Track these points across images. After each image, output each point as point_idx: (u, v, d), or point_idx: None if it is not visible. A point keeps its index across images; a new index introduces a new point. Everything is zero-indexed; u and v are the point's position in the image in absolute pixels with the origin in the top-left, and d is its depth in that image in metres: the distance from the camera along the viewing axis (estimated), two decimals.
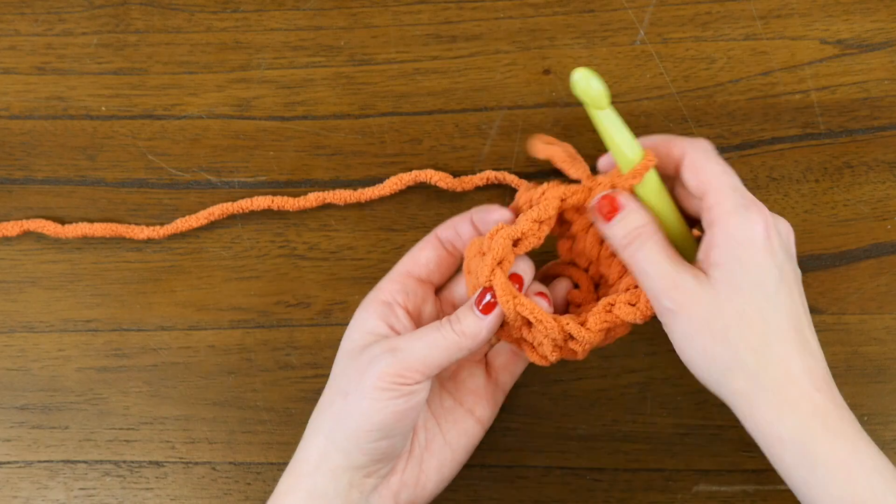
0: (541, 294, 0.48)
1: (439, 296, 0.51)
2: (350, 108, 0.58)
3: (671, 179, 0.48)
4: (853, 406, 0.44)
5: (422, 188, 0.57)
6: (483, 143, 0.57)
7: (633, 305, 0.46)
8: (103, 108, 0.59)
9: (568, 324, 0.47)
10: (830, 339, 0.55)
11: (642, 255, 0.45)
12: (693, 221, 0.48)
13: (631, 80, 0.57)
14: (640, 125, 0.57)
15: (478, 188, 0.57)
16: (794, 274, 0.45)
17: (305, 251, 0.58)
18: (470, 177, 0.56)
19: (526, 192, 0.49)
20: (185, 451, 0.57)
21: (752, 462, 0.55)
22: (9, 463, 0.57)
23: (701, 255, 0.45)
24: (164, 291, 0.58)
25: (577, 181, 0.49)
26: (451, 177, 0.56)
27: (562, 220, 0.50)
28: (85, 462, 0.57)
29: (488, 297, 0.46)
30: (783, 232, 0.45)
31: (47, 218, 0.58)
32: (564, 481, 0.55)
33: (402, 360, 0.45)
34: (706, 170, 0.45)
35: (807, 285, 0.55)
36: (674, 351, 0.56)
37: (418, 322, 0.49)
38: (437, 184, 0.56)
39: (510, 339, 0.49)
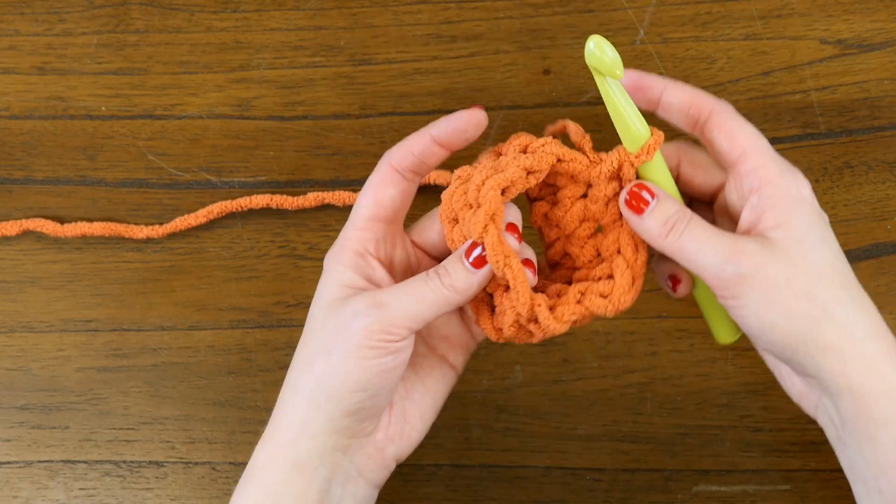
0: (528, 263, 0.45)
1: (407, 232, 0.49)
2: (350, 108, 0.58)
3: (675, 158, 0.47)
4: None
5: (422, 187, 0.57)
6: (483, 143, 0.57)
7: (606, 297, 0.44)
8: (103, 108, 0.59)
9: (539, 305, 0.44)
10: None
11: (688, 238, 0.43)
12: (689, 202, 0.47)
13: None
14: None
15: None
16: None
17: (305, 251, 0.58)
18: None
19: (521, 136, 0.46)
20: (185, 451, 0.56)
21: (752, 462, 0.55)
22: (9, 463, 0.57)
23: (751, 219, 0.43)
24: (164, 291, 0.58)
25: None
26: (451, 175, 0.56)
27: (546, 183, 0.48)
28: (85, 462, 0.57)
29: (479, 250, 0.44)
30: None
31: (47, 218, 0.58)
32: (564, 481, 0.55)
33: (389, 315, 0.43)
34: (741, 132, 0.43)
35: None
36: (674, 351, 0.56)
37: (391, 269, 0.47)
38: (436, 182, 0.56)
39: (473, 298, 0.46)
